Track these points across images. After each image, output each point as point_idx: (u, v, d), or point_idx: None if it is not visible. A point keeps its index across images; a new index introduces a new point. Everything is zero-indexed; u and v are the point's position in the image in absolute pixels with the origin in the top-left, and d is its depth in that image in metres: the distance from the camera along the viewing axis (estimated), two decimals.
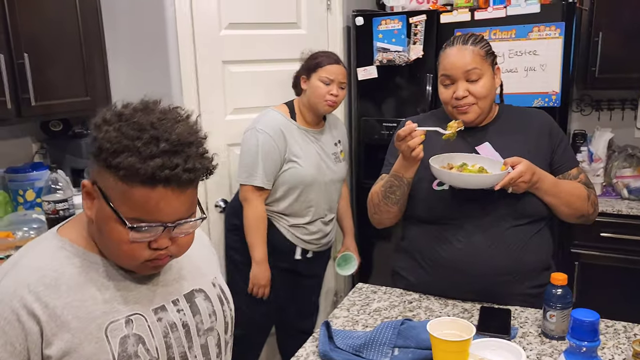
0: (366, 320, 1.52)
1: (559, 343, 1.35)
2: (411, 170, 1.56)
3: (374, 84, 2.71)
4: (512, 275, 1.55)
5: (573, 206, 1.58)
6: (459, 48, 1.56)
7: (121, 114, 0.91)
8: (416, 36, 2.56)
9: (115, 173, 0.88)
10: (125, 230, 0.90)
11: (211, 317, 1.10)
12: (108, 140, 0.88)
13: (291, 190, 2.21)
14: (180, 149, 0.89)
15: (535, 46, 2.35)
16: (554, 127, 1.65)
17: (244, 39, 2.51)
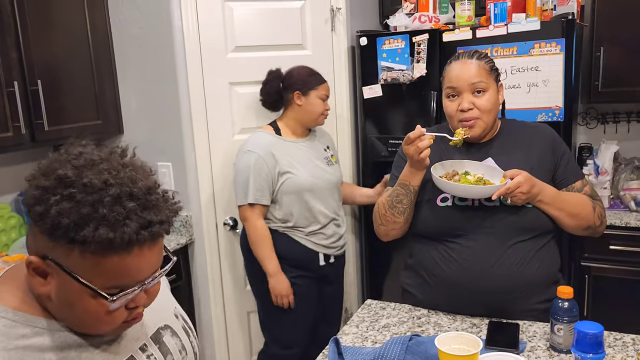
0: (375, 336, 1.54)
1: (567, 356, 1.36)
2: (417, 177, 1.58)
3: (379, 103, 2.75)
4: (517, 292, 1.55)
5: (578, 218, 1.58)
6: (464, 62, 1.60)
7: (62, 178, 0.77)
8: (419, 55, 2.60)
9: (81, 247, 0.76)
10: (104, 302, 0.80)
11: (181, 353, 1.02)
12: (62, 214, 0.74)
13: (293, 198, 2.27)
14: (147, 201, 0.80)
15: (536, 62, 2.38)
16: (556, 141, 1.66)
17: (250, 61, 2.56)
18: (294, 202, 2.28)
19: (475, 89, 1.57)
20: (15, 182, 2.44)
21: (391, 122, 2.76)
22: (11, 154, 2.34)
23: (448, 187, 1.53)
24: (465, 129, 1.58)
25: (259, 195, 2.24)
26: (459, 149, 1.64)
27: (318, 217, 2.32)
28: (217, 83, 2.53)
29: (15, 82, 2.04)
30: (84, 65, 2.38)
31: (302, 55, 2.61)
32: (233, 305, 2.72)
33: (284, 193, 2.26)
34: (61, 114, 2.26)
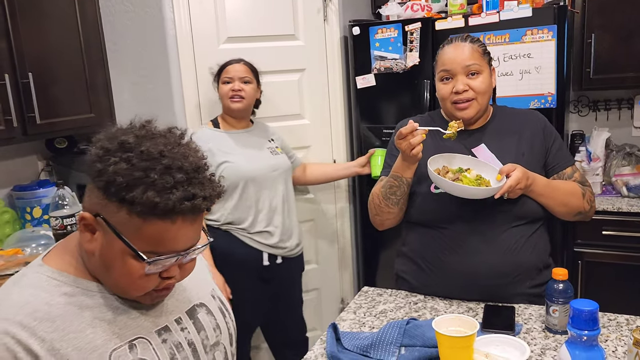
0: (372, 322, 1.54)
1: (562, 337, 1.37)
2: (410, 170, 1.59)
3: (372, 92, 2.75)
4: (511, 276, 1.56)
5: (568, 205, 1.60)
6: (457, 45, 1.60)
7: (124, 143, 0.86)
8: (412, 43, 2.60)
9: (129, 207, 0.83)
10: (141, 264, 0.86)
11: (216, 331, 1.06)
12: (118, 173, 0.82)
13: (232, 187, 2.20)
14: (194, 177, 0.87)
15: (529, 49, 2.39)
16: (547, 127, 1.67)
17: (242, 52, 2.54)
18: (230, 190, 2.20)
19: (469, 71, 1.58)
20: (8, 176, 2.42)
21: (385, 112, 2.76)
22: (3, 148, 2.32)
23: (447, 186, 1.51)
24: (459, 121, 1.58)
25: None
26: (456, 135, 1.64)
27: (258, 210, 2.24)
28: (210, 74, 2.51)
29: (5, 74, 2.02)
30: (75, 58, 2.36)
31: (294, 45, 2.61)
32: None
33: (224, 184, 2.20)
34: (53, 107, 2.24)
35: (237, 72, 2.27)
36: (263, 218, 2.26)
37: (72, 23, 2.34)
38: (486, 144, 1.64)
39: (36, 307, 0.87)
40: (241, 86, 2.26)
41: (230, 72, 2.27)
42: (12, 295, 0.89)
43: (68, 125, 2.33)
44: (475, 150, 1.64)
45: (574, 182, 1.63)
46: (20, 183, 2.42)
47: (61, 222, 2.04)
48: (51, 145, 2.57)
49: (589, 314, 0.99)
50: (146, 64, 2.51)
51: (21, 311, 0.85)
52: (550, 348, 1.33)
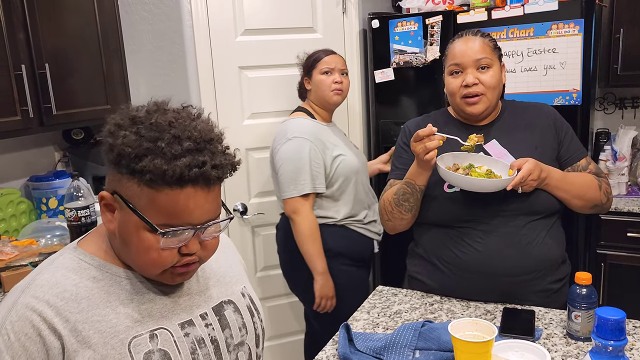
0: (387, 322, 1.51)
1: (584, 344, 1.32)
2: (424, 177, 1.55)
3: (391, 87, 2.70)
4: (535, 272, 1.53)
5: (585, 197, 1.56)
6: (468, 39, 1.58)
7: (135, 117, 0.88)
8: (433, 37, 2.54)
9: (139, 178, 0.84)
10: (156, 237, 0.87)
11: (241, 331, 1.04)
12: (128, 144, 0.84)
13: (346, 182, 2.16)
14: (204, 146, 0.87)
15: (554, 44, 2.32)
16: (557, 120, 1.64)
17: (260, 44, 2.52)
18: (344, 186, 2.16)
19: (480, 65, 1.55)
20: (24, 167, 2.43)
21: (403, 107, 2.71)
22: (20, 139, 2.33)
23: (458, 180, 1.47)
24: (480, 135, 1.53)
25: (318, 183, 2.09)
26: (462, 132, 1.59)
27: (368, 202, 2.24)
28: (227, 67, 2.49)
29: (22, 65, 2.02)
30: (93, 49, 2.35)
31: (312, 38, 2.57)
32: None
33: (337, 176, 2.14)
34: (69, 98, 2.23)
35: (337, 64, 2.19)
36: (370, 208, 2.26)
37: (90, 15, 2.33)
38: (497, 140, 1.60)
39: (65, 288, 0.89)
40: (342, 79, 2.20)
41: (331, 63, 2.18)
42: (44, 275, 0.91)
43: (84, 117, 2.32)
44: (486, 147, 1.60)
45: (590, 173, 1.60)
46: (36, 174, 2.43)
47: (76, 213, 2.03)
48: (68, 137, 2.57)
49: (616, 323, 0.93)
50: (163, 55, 2.49)
51: (50, 291, 0.88)
52: (572, 355, 1.28)
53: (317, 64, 2.19)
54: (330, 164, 2.13)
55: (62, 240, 2.12)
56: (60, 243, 2.11)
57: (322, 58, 2.19)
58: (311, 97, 2.24)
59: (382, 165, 2.56)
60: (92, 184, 2.46)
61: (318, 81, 2.19)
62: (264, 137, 2.56)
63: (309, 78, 2.22)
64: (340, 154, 2.15)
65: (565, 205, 1.58)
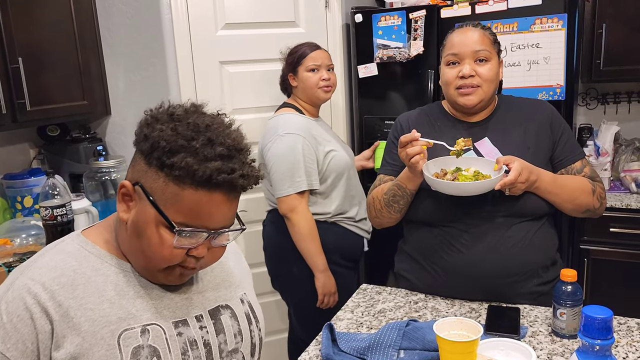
0: (371, 322, 1.48)
1: (570, 342, 1.30)
2: (413, 182, 1.52)
3: (374, 82, 2.67)
4: (518, 275, 1.50)
5: (576, 202, 1.52)
6: (468, 29, 1.54)
7: (173, 114, 0.89)
8: (416, 32, 2.51)
9: (168, 173, 0.84)
10: (170, 234, 0.87)
11: (236, 338, 1.02)
12: (163, 138, 0.84)
13: (337, 178, 2.12)
14: (235, 154, 0.87)
15: (538, 39, 2.31)
16: (555, 118, 1.59)
17: (241, 38, 2.48)
18: (336, 182, 2.12)
19: (478, 57, 1.51)
20: None
21: (387, 102, 2.69)
22: None
23: (445, 187, 1.44)
24: (467, 139, 1.50)
25: (313, 180, 2.04)
26: (455, 128, 1.57)
27: (358, 199, 2.21)
28: (207, 62, 2.44)
29: None
30: (68, 43, 2.29)
31: (295, 32, 2.53)
32: None
33: (330, 172, 2.09)
34: (44, 94, 2.17)
35: (323, 60, 2.14)
36: (361, 205, 2.22)
37: (65, 8, 2.27)
38: (490, 137, 1.56)
39: (63, 272, 0.89)
40: (329, 75, 2.15)
41: (317, 60, 2.12)
42: (44, 258, 0.92)
43: (60, 113, 2.27)
44: (477, 145, 1.57)
45: (584, 177, 1.55)
46: (10, 171, 2.36)
47: (51, 212, 1.97)
48: (43, 133, 2.51)
49: (602, 322, 0.92)
50: (142, 50, 2.43)
51: (48, 274, 0.88)
52: (557, 353, 1.26)
53: (302, 61, 2.12)
54: (323, 159, 2.09)
55: (37, 240, 2.06)
56: (35, 243, 2.05)
57: (308, 54, 2.13)
58: (297, 93, 2.19)
59: (364, 161, 2.54)
60: (68, 182, 2.40)
61: (305, 78, 2.13)
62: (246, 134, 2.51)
63: (294, 74, 2.16)
64: (332, 150, 2.11)
65: (555, 208, 1.54)
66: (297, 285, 2.16)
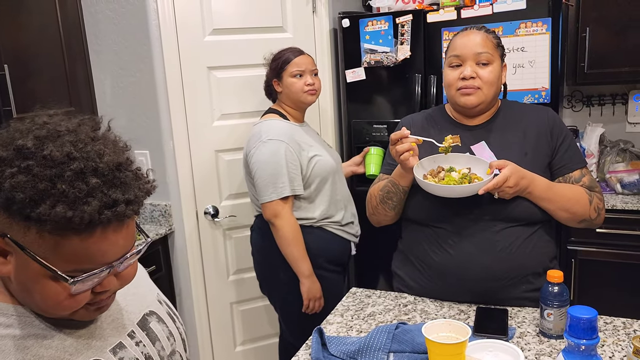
0: (360, 325, 1.49)
1: (557, 342, 1.32)
2: (405, 179, 1.54)
3: (362, 86, 2.68)
4: (505, 279, 1.50)
5: (571, 211, 1.51)
6: (471, 32, 1.55)
7: (21, 148, 0.71)
8: (403, 36, 2.53)
9: (38, 226, 0.70)
10: (65, 285, 0.74)
11: (170, 340, 0.98)
12: (17, 188, 0.69)
13: (322, 182, 2.12)
14: (113, 177, 0.74)
15: (523, 43, 2.33)
16: (556, 125, 1.57)
17: (229, 44, 2.48)
18: (321, 186, 2.12)
19: (480, 60, 1.52)
20: None
21: (375, 106, 2.70)
22: None
23: (431, 188, 1.46)
24: (455, 136, 1.51)
25: (296, 185, 2.05)
26: (456, 131, 1.58)
27: (344, 203, 2.21)
28: (195, 67, 2.44)
29: None
30: (55, 51, 2.28)
31: (282, 38, 2.53)
32: (216, 296, 2.66)
33: (314, 176, 2.10)
34: (31, 100, 2.16)
35: (307, 65, 2.14)
36: (347, 209, 2.22)
37: (52, 14, 2.26)
38: (489, 142, 1.56)
39: None
40: (314, 80, 2.16)
41: (301, 65, 2.12)
42: None
43: None
44: (474, 148, 1.57)
45: (581, 186, 1.53)
46: None
47: None
48: None
49: (588, 322, 0.93)
50: (129, 56, 2.43)
51: None
52: (545, 353, 1.28)
53: (286, 66, 2.13)
54: (307, 164, 2.09)
55: None
56: None
57: (292, 60, 2.13)
58: (282, 98, 2.19)
59: (355, 167, 2.55)
60: None
61: (289, 84, 2.13)
62: (234, 139, 2.52)
63: (278, 80, 2.16)
64: (315, 155, 2.12)
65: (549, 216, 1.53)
66: (283, 290, 2.16)
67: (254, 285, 2.36)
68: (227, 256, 2.64)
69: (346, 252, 2.25)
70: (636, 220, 2.46)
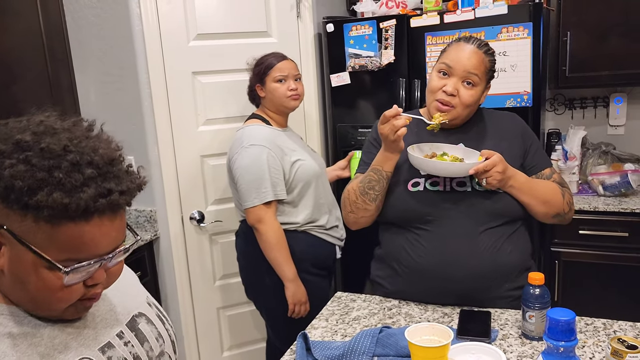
0: (345, 329, 1.49)
1: (539, 344, 1.33)
2: (391, 162, 1.55)
3: (347, 90, 2.70)
4: (489, 278, 1.53)
5: (548, 205, 1.57)
6: (472, 49, 1.55)
7: (20, 142, 0.76)
8: (387, 41, 2.55)
9: (35, 213, 0.74)
10: (59, 275, 0.77)
11: (159, 341, 1.00)
12: (16, 176, 0.73)
13: (305, 187, 2.13)
14: (107, 170, 0.79)
15: (504, 47, 2.36)
16: (525, 130, 1.66)
17: (213, 49, 2.48)
18: (303, 191, 2.13)
19: (466, 79, 1.53)
20: None
21: (360, 110, 2.71)
22: None
23: (424, 164, 1.50)
24: (444, 114, 1.55)
25: (279, 190, 2.06)
26: (431, 134, 1.60)
27: (328, 207, 2.22)
28: (179, 72, 2.44)
29: None
30: (37, 57, 2.26)
31: (267, 42, 2.54)
32: (202, 301, 2.65)
33: (297, 181, 2.11)
34: (13, 107, 2.14)
35: (290, 70, 2.15)
36: (331, 213, 2.23)
37: (33, 20, 2.24)
38: (465, 144, 1.61)
39: None
40: (296, 85, 2.16)
41: (284, 70, 2.13)
42: None
43: None
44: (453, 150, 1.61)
45: (554, 182, 1.61)
46: None
47: None
48: None
49: (566, 324, 0.95)
50: (113, 62, 2.42)
51: None
52: (527, 355, 1.29)
53: (269, 72, 2.14)
54: (289, 169, 2.10)
55: None
56: None
57: (275, 65, 2.14)
58: (265, 103, 2.20)
59: (340, 171, 2.56)
60: None
61: (272, 89, 2.14)
62: (219, 144, 2.52)
63: (261, 85, 2.17)
64: (298, 159, 2.13)
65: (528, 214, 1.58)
66: (268, 294, 2.16)
67: (240, 290, 2.36)
68: (214, 261, 2.64)
69: (331, 256, 2.25)
70: (618, 221, 2.49)
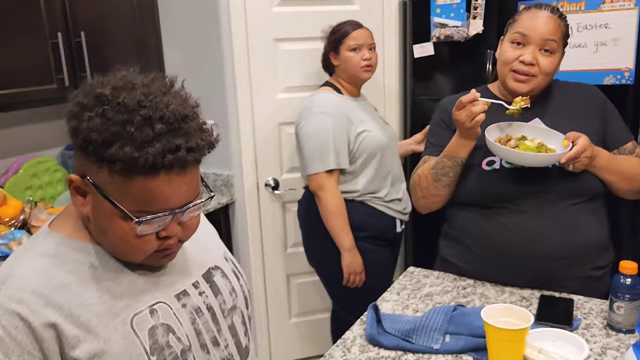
0: (417, 305, 1.46)
1: (626, 336, 1.25)
2: (467, 148, 1.49)
3: (430, 62, 2.60)
4: (571, 257, 1.46)
5: (632, 181, 1.49)
6: (543, 12, 1.47)
7: (100, 96, 0.79)
8: (476, 10, 2.43)
9: (109, 166, 0.78)
10: (132, 225, 0.82)
11: (232, 295, 1.03)
12: (93, 129, 0.77)
13: (369, 158, 2.11)
14: (178, 127, 0.80)
15: (607, 19, 2.18)
16: (603, 101, 1.57)
17: (296, 15, 2.46)
18: (367, 162, 2.12)
19: (544, 47, 1.45)
20: (60, 135, 2.46)
21: (442, 83, 2.62)
22: (56, 107, 2.35)
23: (511, 156, 1.41)
24: (525, 98, 1.46)
25: (342, 159, 2.06)
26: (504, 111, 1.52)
27: (392, 180, 2.19)
28: (262, 39, 2.45)
29: (59, 33, 2.03)
30: (128, 18, 2.34)
31: (349, 10, 2.49)
32: (273, 267, 2.70)
33: (361, 152, 2.09)
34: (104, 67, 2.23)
35: (365, 39, 2.11)
36: (395, 186, 2.22)
37: None
38: (540, 119, 1.53)
39: (50, 275, 0.84)
40: (370, 54, 2.14)
41: (359, 39, 2.10)
42: (24, 264, 0.86)
43: None
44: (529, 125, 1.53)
45: (637, 157, 1.52)
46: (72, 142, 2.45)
47: None
48: None
49: None
50: (197, 26, 2.47)
51: (35, 280, 0.83)
52: (612, 348, 1.21)
53: (344, 40, 2.11)
54: (354, 140, 2.08)
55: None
56: None
57: (350, 33, 2.11)
58: (339, 72, 2.18)
59: (415, 145, 2.49)
60: None
61: (346, 58, 2.12)
62: (297, 111, 2.51)
63: (335, 54, 2.15)
64: (364, 130, 2.10)
65: (608, 190, 1.50)
66: (327, 262, 2.18)
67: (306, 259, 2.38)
68: (286, 228, 2.67)
69: (390, 228, 2.22)
70: None
